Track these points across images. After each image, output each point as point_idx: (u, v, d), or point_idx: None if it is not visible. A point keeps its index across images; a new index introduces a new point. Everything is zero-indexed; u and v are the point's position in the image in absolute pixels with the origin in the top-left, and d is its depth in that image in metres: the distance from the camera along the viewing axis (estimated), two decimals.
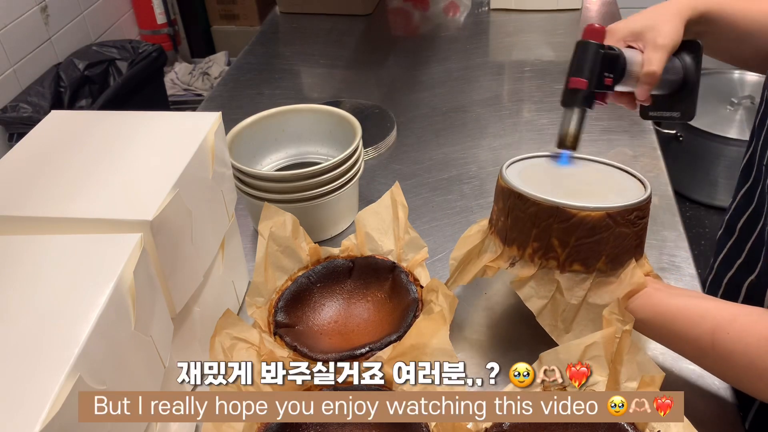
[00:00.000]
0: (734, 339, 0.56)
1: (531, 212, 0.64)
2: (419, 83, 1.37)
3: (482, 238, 0.71)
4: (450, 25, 1.62)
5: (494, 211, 0.71)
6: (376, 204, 0.81)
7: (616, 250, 0.63)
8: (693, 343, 0.60)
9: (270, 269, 0.76)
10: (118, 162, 0.66)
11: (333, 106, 0.98)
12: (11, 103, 1.93)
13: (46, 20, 2.11)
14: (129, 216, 0.58)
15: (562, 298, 0.65)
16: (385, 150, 1.15)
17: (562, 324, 0.66)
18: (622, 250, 0.64)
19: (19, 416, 0.41)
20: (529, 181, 0.67)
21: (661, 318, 0.62)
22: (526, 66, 1.39)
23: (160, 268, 0.60)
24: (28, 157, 0.67)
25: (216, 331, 0.67)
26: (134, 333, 0.53)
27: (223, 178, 0.75)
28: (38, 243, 0.56)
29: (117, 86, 2.09)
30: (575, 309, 0.65)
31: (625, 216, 0.62)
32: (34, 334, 0.47)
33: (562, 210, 0.62)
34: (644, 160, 1.04)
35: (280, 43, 1.64)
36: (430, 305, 0.69)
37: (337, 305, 0.77)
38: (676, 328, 0.61)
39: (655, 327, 0.62)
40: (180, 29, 2.87)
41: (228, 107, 1.31)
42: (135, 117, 0.74)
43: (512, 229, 0.67)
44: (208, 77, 2.74)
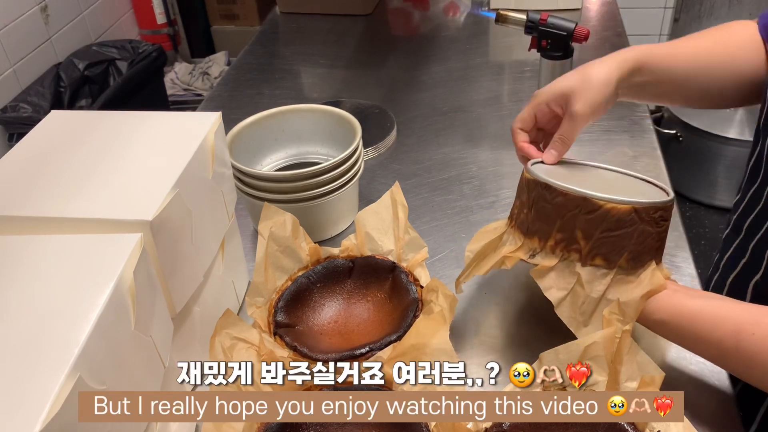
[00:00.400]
0: (759, 341, 0.56)
1: (557, 203, 0.64)
2: (419, 83, 1.37)
3: (501, 233, 0.71)
4: (450, 25, 1.62)
5: (516, 206, 0.71)
6: (376, 204, 0.81)
7: (638, 248, 0.64)
8: (715, 345, 0.60)
9: (270, 269, 0.76)
10: (118, 162, 0.66)
11: (333, 106, 0.98)
12: (11, 103, 1.93)
13: (46, 20, 2.11)
14: (129, 216, 0.58)
15: (582, 291, 0.65)
16: (385, 150, 1.15)
17: (581, 317, 0.66)
18: (644, 249, 0.64)
19: (19, 416, 0.41)
20: (553, 176, 0.68)
21: (679, 318, 0.61)
22: (526, 66, 1.39)
23: (160, 268, 0.60)
24: (28, 157, 0.67)
25: (216, 331, 0.67)
26: (134, 333, 0.53)
27: (223, 178, 0.75)
28: (38, 243, 0.56)
29: (117, 86, 2.09)
30: (595, 302, 0.65)
31: (650, 213, 0.63)
32: (34, 334, 0.47)
33: (589, 201, 0.63)
34: (644, 160, 1.04)
35: (280, 43, 1.64)
36: (429, 305, 0.69)
37: (337, 305, 0.77)
38: (697, 329, 0.61)
39: (675, 328, 0.62)
40: (180, 29, 2.87)
41: (228, 107, 1.31)
42: (135, 117, 0.74)
43: (535, 220, 0.67)
44: (208, 77, 2.74)
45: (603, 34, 1.49)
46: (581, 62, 1.29)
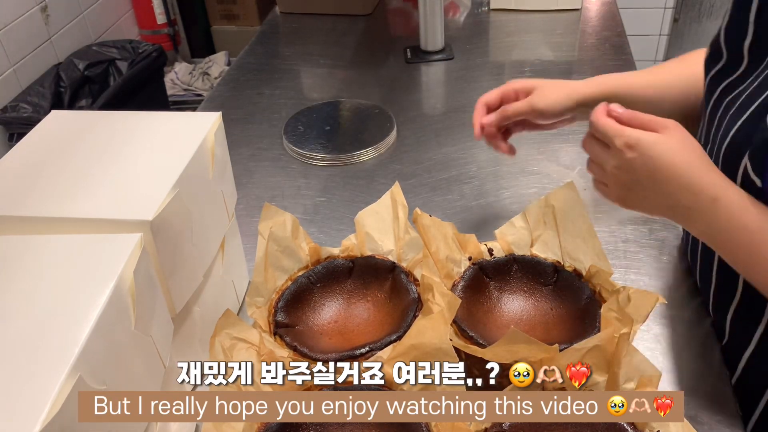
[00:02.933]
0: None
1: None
2: (419, 83, 1.37)
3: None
4: (450, 25, 1.62)
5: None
6: (376, 204, 0.81)
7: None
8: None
9: (270, 269, 0.76)
10: (118, 162, 0.66)
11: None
12: (11, 103, 1.93)
13: (46, 20, 2.11)
14: (129, 216, 0.58)
15: None
16: (385, 150, 1.15)
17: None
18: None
19: (19, 416, 0.41)
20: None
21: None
22: (526, 66, 1.39)
23: (160, 268, 0.60)
24: (28, 157, 0.67)
25: (216, 331, 0.67)
26: (134, 333, 0.53)
27: (223, 178, 0.75)
28: (38, 243, 0.56)
29: (117, 86, 2.09)
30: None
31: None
32: (34, 334, 0.47)
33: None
34: None
35: (280, 43, 1.64)
36: (428, 304, 0.69)
37: (337, 305, 0.77)
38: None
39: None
40: (180, 29, 2.87)
41: (228, 107, 1.31)
42: (135, 117, 0.74)
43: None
44: (208, 77, 2.73)
45: (603, 34, 1.49)
46: (582, 62, 1.29)
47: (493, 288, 0.76)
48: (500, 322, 0.73)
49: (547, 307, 0.74)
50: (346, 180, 1.08)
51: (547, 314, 0.73)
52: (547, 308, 0.74)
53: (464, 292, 0.74)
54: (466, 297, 0.73)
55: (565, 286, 0.74)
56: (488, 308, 0.75)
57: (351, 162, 1.12)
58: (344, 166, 1.11)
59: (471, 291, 0.75)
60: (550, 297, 0.75)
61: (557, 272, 0.75)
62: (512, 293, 0.76)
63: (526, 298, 0.76)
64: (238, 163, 1.11)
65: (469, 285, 0.75)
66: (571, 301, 0.73)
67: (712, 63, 0.73)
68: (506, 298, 0.76)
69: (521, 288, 0.76)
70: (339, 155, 1.12)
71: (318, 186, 1.07)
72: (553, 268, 0.76)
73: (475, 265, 0.77)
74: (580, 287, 0.73)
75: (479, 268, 0.76)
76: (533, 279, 0.76)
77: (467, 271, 0.76)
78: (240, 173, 1.07)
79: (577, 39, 1.49)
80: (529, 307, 0.75)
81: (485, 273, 0.77)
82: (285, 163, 1.13)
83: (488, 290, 0.76)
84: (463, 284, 0.75)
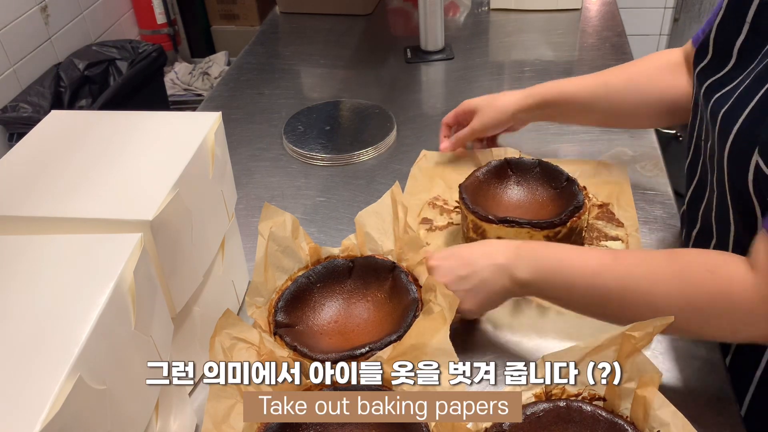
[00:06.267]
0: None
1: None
2: (419, 83, 1.37)
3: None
4: (450, 25, 1.62)
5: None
6: (376, 204, 0.81)
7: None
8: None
9: (270, 269, 0.76)
10: (118, 162, 0.66)
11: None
12: (11, 103, 1.93)
13: (46, 20, 2.11)
14: (129, 216, 0.58)
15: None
16: (385, 150, 1.15)
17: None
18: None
19: (19, 416, 0.41)
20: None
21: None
22: (526, 66, 1.39)
23: (160, 268, 0.60)
24: (28, 157, 0.67)
25: (216, 331, 0.67)
26: (134, 333, 0.53)
27: (223, 178, 0.75)
28: (38, 243, 0.56)
29: (117, 86, 2.09)
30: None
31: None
32: (34, 334, 0.47)
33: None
34: (644, 160, 1.05)
35: (280, 43, 1.64)
36: (429, 305, 0.69)
37: (337, 305, 0.77)
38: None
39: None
40: (180, 29, 2.87)
41: (228, 107, 1.31)
42: (135, 117, 0.74)
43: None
44: (208, 77, 2.74)
45: (603, 34, 1.49)
46: (582, 62, 1.29)
47: (512, 181, 0.91)
48: (502, 204, 0.89)
49: (545, 198, 0.88)
50: (346, 180, 1.08)
51: (543, 204, 0.87)
52: (545, 199, 0.88)
53: (485, 175, 0.90)
54: (486, 179, 0.90)
55: (570, 194, 0.85)
56: (497, 192, 0.91)
57: (351, 162, 1.12)
58: (344, 166, 1.11)
59: (491, 174, 0.91)
60: (552, 196, 0.88)
61: (568, 181, 0.87)
62: (524, 187, 0.91)
63: (533, 193, 0.90)
64: (238, 163, 1.11)
65: (492, 171, 0.91)
66: (565, 201, 0.85)
67: (698, 59, 0.76)
68: (516, 188, 0.91)
69: (535, 186, 0.90)
70: (339, 155, 1.12)
71: (318, 186, 1.07)
72: (566, 177, 0.87)
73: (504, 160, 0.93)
74: (576, 194, 0.83)
75: (506, 161, 0.92)
76: (547, 182, 0.89)
77: (494, 161, 0.93)
78: (240, 173, 1.07)
79: (577, 39, 1.49)
80: (530, 198, 0.90)
81: (510, 166, 0.92)
82: (285, 163, 1.13)
83: (507, 179, 0.91)
84: (486, 169, 0.91)
